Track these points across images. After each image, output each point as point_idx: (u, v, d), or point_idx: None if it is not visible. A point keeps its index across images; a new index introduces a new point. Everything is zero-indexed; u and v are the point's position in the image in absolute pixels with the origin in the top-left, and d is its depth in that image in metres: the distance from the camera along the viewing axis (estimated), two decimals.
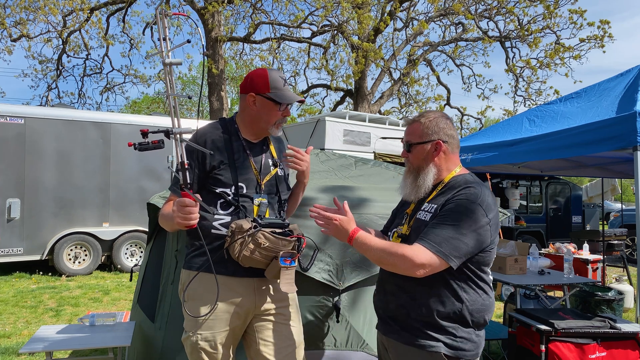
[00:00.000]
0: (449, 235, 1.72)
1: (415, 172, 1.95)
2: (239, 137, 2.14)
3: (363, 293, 2.67)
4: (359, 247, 1.83)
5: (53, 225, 8.40)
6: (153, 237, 3.60)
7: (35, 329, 5.30)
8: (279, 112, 2.10)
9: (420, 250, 1.71)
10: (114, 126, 8.86)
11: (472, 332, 1.82)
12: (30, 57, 16.32)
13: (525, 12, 15.11)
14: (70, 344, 3.05)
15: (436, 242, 1.71)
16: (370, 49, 13.15)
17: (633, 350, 3.24)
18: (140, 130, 1.86)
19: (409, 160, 1.98)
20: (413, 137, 1.95)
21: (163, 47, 1.77)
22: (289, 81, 13.60)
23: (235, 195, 2.06)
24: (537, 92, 16.27)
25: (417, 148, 1.94)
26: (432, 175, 1.92)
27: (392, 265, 1.76)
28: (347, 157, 3.84)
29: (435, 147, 1.93)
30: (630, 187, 25.42)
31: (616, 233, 7.78)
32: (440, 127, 1.93)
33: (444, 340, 1.78)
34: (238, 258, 1.96)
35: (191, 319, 2.03)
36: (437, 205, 1.85)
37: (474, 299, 1.81)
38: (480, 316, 1.82)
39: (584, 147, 3.70)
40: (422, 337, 1.79)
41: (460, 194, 1.81)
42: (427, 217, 1.84)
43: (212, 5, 12.79)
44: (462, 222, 1.74)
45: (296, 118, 20.90)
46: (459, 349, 1.78)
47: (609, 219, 15.05)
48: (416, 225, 1.87)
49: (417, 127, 1.95)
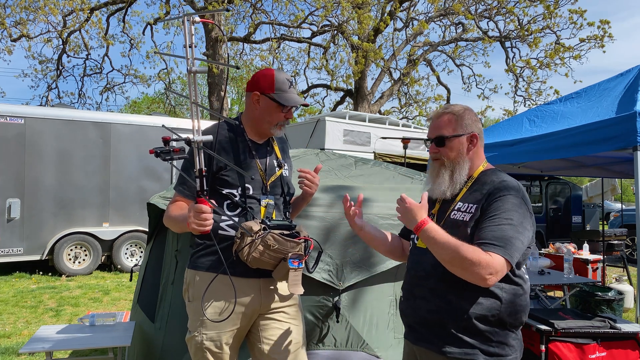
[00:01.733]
0: (510, 235, 1.63)
1: (451, 166, 1.84)
2: (245, 138, 2.14)
3: (363, 293, 2.67)
4: (426, 239, 1.69)
5: (53, 225, 8.39)
6: (153, 237, 3.60)
7: (35, 329, 5.30)
8: (281, 113, 2.09)
9: (495, 257, 1.59)
10: (114, 126, 8.86)
11: (509, 335, 1.72)
12: (30, 57, 16.35)
13: (525, 12, 15.13)
14: (70, 344, 3.05)
15: (504, 247, 1.61)
16: (370, 49, 13.15)
17: (633, 350, 3.24)
18: (162, 137, 1.81)
19: (442, 154, 1.85)
20: (447, 130, 1.84)
21: (189, 54, 1.73)
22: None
23: (242, 197, 2.06)
24: (537, 92, 16.28)
25: (453, 141, 1.83)
26: (466, 169, 1.84)
27: (463, 269, 1.61)
28: (347, 157, 3.84)
29: (470, 140, 1.85)
30: (630, 187, 25.42)
31: (616, 233, 7.78)
32: (473, 119, 1.87)
33: (480, 347, 1.68)
34: (247, 260, 1.96)
35: (197, 319, 2.03)
36: (474, 203, 1.75)
37: (511, 298, 1.71)
38: (516, 318, 1.73)
39: (584, 147, 3.70)
40: (456, 344, 1.69)
41: (502, 189, 1.72)
42: (467, 217, 1.74)
43: (212, 5, 12.79)
44: (516, 220, 1.66)
45: (296, 118, 20.90)
46: (496, 355, 1.68)
47: (609, 219, 15.05)
48: (452, 225, 1.76)
49: (449, 120, 1.85)
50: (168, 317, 2.87)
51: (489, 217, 1.67)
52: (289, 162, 2.30)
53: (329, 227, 2.64)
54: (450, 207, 1.83)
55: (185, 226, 1.88)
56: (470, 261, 1.58)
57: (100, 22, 15.22)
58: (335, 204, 2.73)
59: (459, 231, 1.72)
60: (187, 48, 1.76)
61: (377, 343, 2.59)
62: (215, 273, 2.00)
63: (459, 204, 1.80)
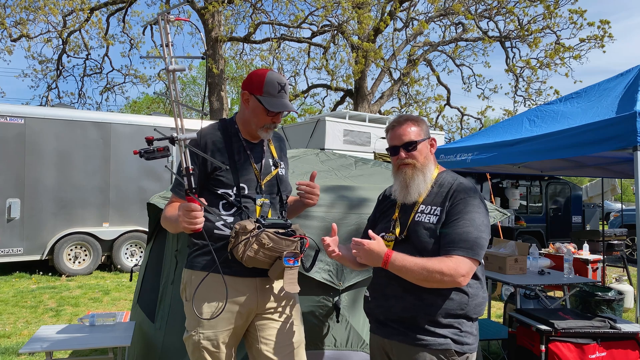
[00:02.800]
0: (475, 236, 1.76)
1: (422, 169, 1.92)
2: (240, 138, 2.14)
3: (363, 293, 2.67)
4: (397, 269, 1.77)
5: (53, 225, 8.40)
6: (153, 237, 3.60)
7: (35, 329, 5.30)
8: (267, 117, 2.07)
9: (459, 260, 1.73)
10: (114, 126, 8.86)
11: (473, 326, 1.85)
12: (30, 57, 16.34)
13: (525, 12, 15.13)
14: (70, 344, 3.05)
15: (469, 248, 1.75)
16: (370, 49, 13.15)
17: (633, 350, 3.24)
18: (145, 137, 1.82)
19: (414, 158, 1.92)
20: (414, 135, 1.93)
21: (166, 53, 1.73)
22: (289, 81, 13.53)
23: (237, 196, 2.06)
24: (537, 92, 16.28)
25: (422, 145, 1.93)
26: (432, 171, 1.95)
27: (439, 282, 1.73)
28: (347, 157, 3.84)
29: (431, 143, 1.98)
30: (630, 187, 25.42)
31: (616, 233, 7.77)
32: (427, 125, 1.99)
33: (451, 336, 1.79)
34: (242, 259, 1.96)
35: (194, 318, 2.03)
36: (437, 206, 1.85)
37: (476, 292, 1.84)
38: (479, 309, 1.86)
39: (584, 147, 3.70)
40: (430, 335, 1.80)
41: (461, 191, 1.84)
42: (433, 220, 1.83)
43: (212, 5, 12.79)
44: (477, 220, 1.79)
45: (296, 118, 20.91)
46: (464, 343, 1.81)
47: (609, 219, 15.04)
48: (418, 227, 1.86)
49: (412, 126, 1.94)
50: (168, 317, 2.87)
51: (453, 221, 1.80)
52: (285, 161, 2.29)
53: (329, 227, 2.64)
54: (412, 210, 1.91)
55: (179, 227, 1.88)
56: (439, 272, 1.71)
57: (100, 22, 15.24)
58: (336, 204, 2.73)
59: (427, 232, 1.82)
60: (163, 47, 1.75)
61: None
62: (216, 272, 1.99)
63: (421, 206, 1.90)
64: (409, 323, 1.83)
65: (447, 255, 1.75)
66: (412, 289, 1.81)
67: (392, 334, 1.88)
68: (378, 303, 1.94)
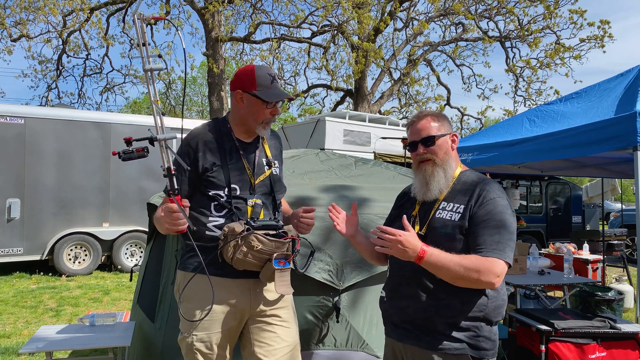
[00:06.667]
0: (506, 238, 1.71)
1: (442, 165, 1.86)
2: (232, 137, 2.11)
3: (363, 293, 2.67)
4: (431, 265, 1.68)
5: (53, 225, 8.39)
6: (153, 237, 3.60)
7: (35, 329, 5.30)
8: (266, 110, 2.05)
9: (494, 261, 1.67)
10: (114, 126, 8.86)
11: (492, 331, 1.77)
12: (30, 58, 16.31)
13: (525, 12, 15.12)
14: (70, 344, 3.05)
15: (502, 250, 1.69)
16: (370, 49, 13.15)
17: (633, 351, 3.24)
18: (123, 138, 1.82)
19: (432, 154, 1.86)
20: (433, 130, 1.87)
21: (143, 52, 1.72)
22: (288, 81, 13.40)
23: (228, 197, 2.03)
24: (537, 92, 16.26)
25: (441, 141, 1.87)
26: (454, 167, 1.89)
27: (474, 281, 1.66)
28: (347, 157, 3.84)
29: (452, 139, 1.92)
30: (630, 187, 25.42)
31: (616, 233, 7.77)
32: (449, 122, 1.94)
33: (468, 340, 1.72)
34: (232, 261, 1.94)
35: (187, 320, 2.02)
36: (460, 204, 1.79)
37: (495, 294, 1.77)
38: (499, 312, 1.78)
39: (584, 147, 3.70)
40: (445, 339, 1.72)
41: (490, 191, 1.78)
42: (456, 217, 1.77)
43: (213, 5, 12.79)
44: (508, 222, 1.74)
45: (296, 118, 20.90)
46: (482, 348, 1.73)
47: (609, 219, 15.04)
48: (439, 224, 1.79)
49: (432, 121, 1.89)
50: (168, 317, 2.87)
51: (483, 222, 1.73)
52: (280, 160, 2.26)
53: (329, 227, 2.64)
54: (433, 207, 1.85)
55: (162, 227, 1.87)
56: (476, 271, 1.65)
57: (100, 22, 15.23)
58: (335, 203, 2.72)
59: (448, 230, 1.76)
60: (140, 46, 1.74)
61: (377, 343, 2.59)
62: (202, 274, 1.97)
63: (443, 203, 1.84)
64: (423, 325, 1.76)
65: (480, 255, 1.69)
66: (429, 289, 1.75)
67: (405, 337, 1.81)
68: (393, 303, 1.87)
